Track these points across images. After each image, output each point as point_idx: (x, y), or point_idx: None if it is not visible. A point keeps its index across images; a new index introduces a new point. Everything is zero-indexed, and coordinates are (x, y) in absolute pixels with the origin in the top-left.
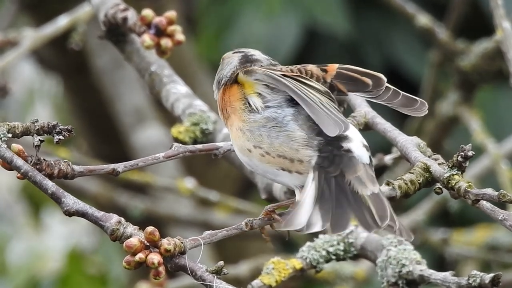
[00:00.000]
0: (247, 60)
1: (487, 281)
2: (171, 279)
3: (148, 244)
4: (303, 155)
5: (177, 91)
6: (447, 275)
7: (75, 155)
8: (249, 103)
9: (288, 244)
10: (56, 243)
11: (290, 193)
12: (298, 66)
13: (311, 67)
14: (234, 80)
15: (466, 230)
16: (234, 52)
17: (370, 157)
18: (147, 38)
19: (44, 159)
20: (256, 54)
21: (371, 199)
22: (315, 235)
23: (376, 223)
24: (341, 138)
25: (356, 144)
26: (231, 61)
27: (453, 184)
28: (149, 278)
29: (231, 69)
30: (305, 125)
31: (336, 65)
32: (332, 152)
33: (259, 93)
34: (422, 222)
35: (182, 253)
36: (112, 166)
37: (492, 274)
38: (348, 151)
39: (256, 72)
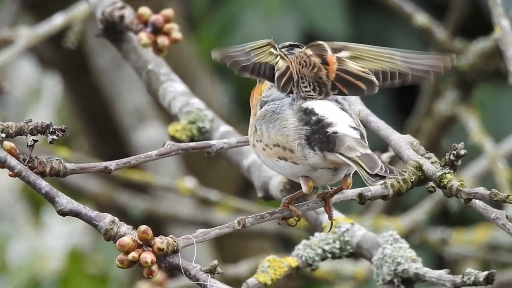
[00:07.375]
0: None
1: (481, 279)
2: (171, 278)
3: (141, 243)
4: (292, 143)
5: (174, 89)
6: (442, 273)
7: (76, 155)
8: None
9: (288, 243)
10: (56, 242)
11: (286, 191)
12: (304, 55)
13: (315, 60)
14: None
15: (466, 229)
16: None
17: (361, 134)
18: (144, 36)
19: (36, 157)
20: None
21: (361, 158)
22: (312, 233)
23: (369, 174)
24: (325, 125)
25: (342, 126)
26: None
27: (445, 183)
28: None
29: None
30: (297, 114)
31: (335, 65)
32: (320, 139)
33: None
34: (422, 222)
35: (175, 251)
36: (104, 164)
37: (486, 272)
38: (335, 133)
39: None
